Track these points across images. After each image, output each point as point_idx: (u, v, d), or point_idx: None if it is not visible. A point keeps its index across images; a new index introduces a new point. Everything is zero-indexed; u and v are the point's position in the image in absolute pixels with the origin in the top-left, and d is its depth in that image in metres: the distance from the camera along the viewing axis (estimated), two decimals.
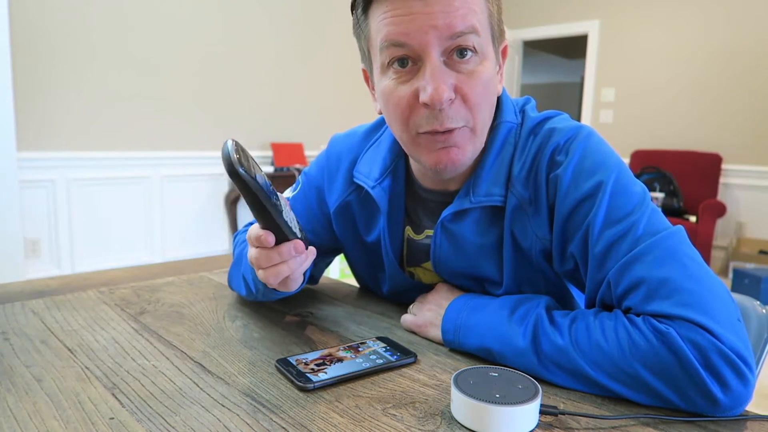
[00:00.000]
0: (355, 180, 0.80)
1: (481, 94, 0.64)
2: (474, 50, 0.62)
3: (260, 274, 0.64)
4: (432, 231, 0.77)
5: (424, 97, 0.61)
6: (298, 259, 0.63)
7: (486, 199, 0.70)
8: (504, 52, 0.71)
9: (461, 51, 0.62)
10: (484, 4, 0.64)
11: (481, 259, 0.73)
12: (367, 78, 0.74)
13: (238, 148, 0.55)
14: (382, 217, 0.78)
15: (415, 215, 0.80)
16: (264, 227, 0.60)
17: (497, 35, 0.67)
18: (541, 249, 0.70)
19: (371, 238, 0.82)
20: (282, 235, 0.61)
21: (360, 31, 0.69)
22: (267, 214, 0.58)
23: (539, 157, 0.69)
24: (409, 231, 0.81)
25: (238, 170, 0.52)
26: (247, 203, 0.57)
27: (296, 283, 0.68)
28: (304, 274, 0.73)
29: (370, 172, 0.78)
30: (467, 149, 0.66)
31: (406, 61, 0.63)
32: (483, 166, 0.71)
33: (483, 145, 0.70)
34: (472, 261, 0.74)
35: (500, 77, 0.71)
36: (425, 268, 0.81)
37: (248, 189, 0.55)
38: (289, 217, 0.62)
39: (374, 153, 0.80)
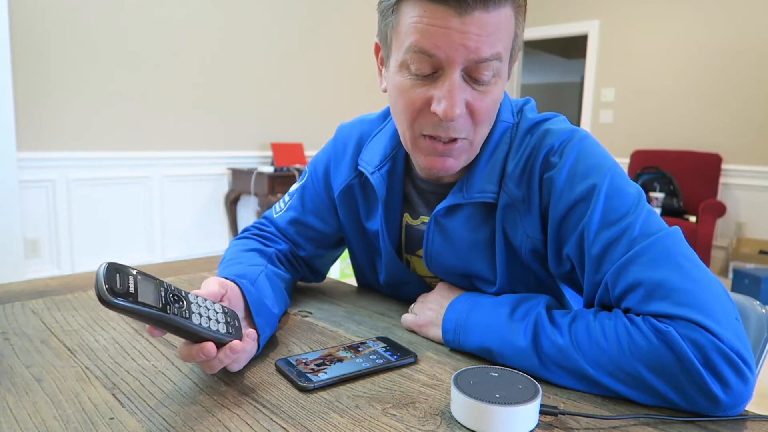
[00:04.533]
0: (359, 167, 0.82)
1: (488, 111, 0.66)
2: (493, 72, 0.63)
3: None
4: (427, 218, 0.78)
5: (437, 109, 0.62)
6: (240, 356, 0.59)
7: (478, 195, 0.71)
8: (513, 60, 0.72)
9: (481, 71, 0.62)
10: (513, 28, 0.64)
11: (473, 256, 0.74)
12: (378, 52, 0.72)
13: (111, 271, 0.47)
14: (380, 203, 0.79)
15: (412, 200, 0.82)
16: (188, 339, 0.53)
17: (515, 52, 0.68)
18: (531, 248, 0.70)
19: (371, 224, 0.84)
20: (205, 339, 0.53)
21: (386, 12, 0.66)
22: (178, 328, 0.51)
23: (533, 157, 0.70)
24: (407, 217, 0.82)
25: (113, 301, 0.46)
26: (151, 324, 0.51)
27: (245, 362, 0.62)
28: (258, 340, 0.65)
29: (371, 159, 0.81)
30: (462, 159, 0.69)
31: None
32: (478, 163, 0.72)
33: (477, 152, 0.71)
34: (463, 257, 0.74)
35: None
36: (420, 256, 0.82)
37: (138, 314, 0.48)
38: (207, 314, 0.55)
39: (378, 141, 0.82)
